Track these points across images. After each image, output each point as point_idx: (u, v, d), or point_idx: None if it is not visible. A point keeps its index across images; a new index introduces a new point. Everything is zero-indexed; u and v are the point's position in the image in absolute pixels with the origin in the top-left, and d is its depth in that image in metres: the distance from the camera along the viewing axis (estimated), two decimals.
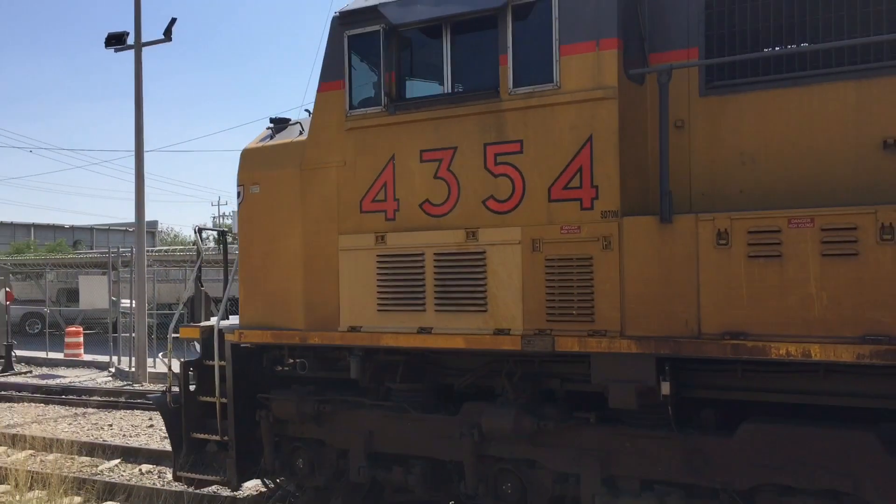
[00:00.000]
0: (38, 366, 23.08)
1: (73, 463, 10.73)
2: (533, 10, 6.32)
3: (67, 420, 14.22)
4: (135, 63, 20.72)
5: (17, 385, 18.56)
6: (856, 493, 5.51)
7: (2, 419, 14.56)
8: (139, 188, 20.40)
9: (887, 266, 5.13)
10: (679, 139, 6.32)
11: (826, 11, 5.85)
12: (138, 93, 20.75)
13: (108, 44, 20.99)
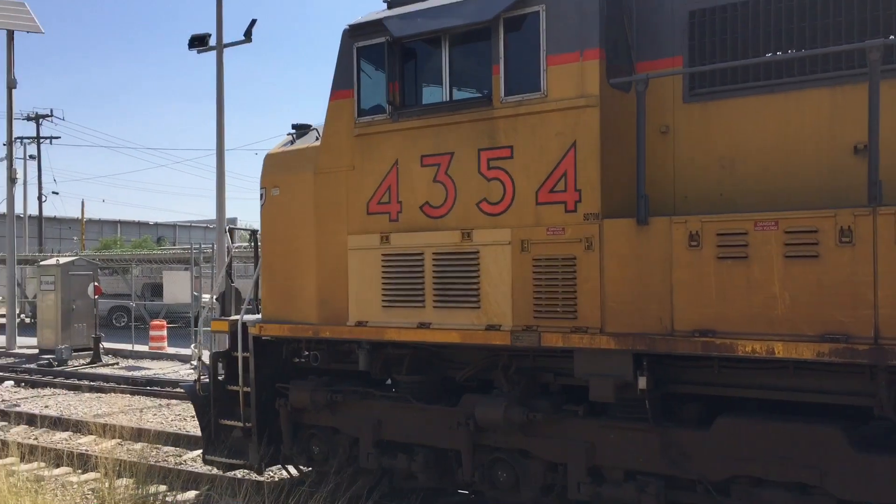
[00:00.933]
0: (124, 358, 23.70)
1: (159, 452, 11.11)
2: (523, 22, 6.66)
3: (153, 410, 14.67)
4: (216, 64, 21.37)
5: (105, 376, 19.12)
6: (822, 485, 5.72)
7: (91, 408, 15.16)
8: (220, 186, 21.01)
9: (845, 267, 5.33)
10: (664, 144, 6.59)
11: (801, 21, 6.05)
12: (219, 93, 21.40)
13: (191, 45, 21.71)
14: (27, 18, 27.03)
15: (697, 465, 6.19)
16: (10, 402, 16.12)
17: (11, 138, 28.49)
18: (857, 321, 5.29)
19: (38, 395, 17.08)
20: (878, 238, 5.22)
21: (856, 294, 5.30)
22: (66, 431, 12.92)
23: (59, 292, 24.13)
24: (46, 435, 12.79)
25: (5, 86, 26.72)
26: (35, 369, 21.11)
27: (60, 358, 22.36)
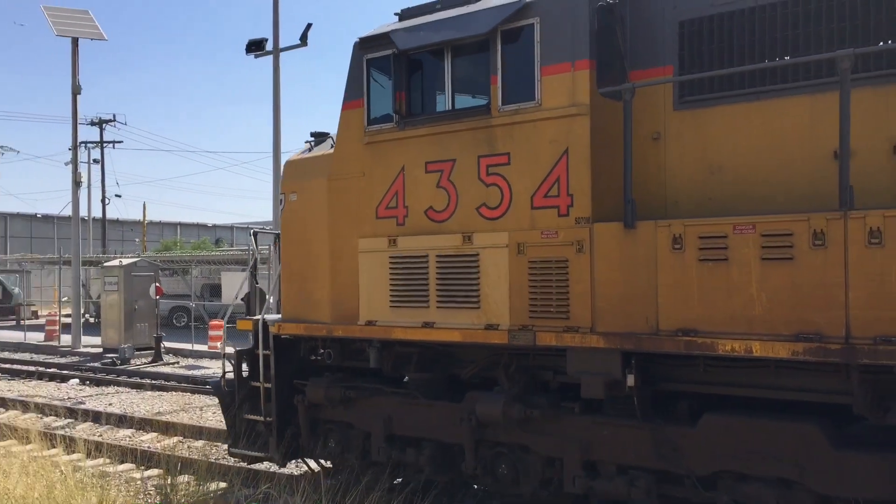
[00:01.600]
0: (184, 357, 24.21)
1: (218, 450, 11.34)
2: (518, 34, 6.95)
3: (212, 409, 14.89)
4: (273, 68, 21.95)
5: (165, 375, 19.61)
6: (801, 481, 5.90)
7: (153, 406, 15.67)
8: (277, 188, 21.36)
9: (818, 270, 5.51)
10: (655, 150, 6.82)
11: (784, 31, 6.23)
12: (276, 96, 21.97)
13: (249, 50, 22.26)
14: (91, 26, 27.80)
15: (685, 461, 6.40)
16: (76, 399, 16.75)
17: (76, 143, 29.14)
18: (829, 321, 5.47)
19: (102, 393, 17.72)
20: (848, 241, 5.40)
21: (828, 295, 5.48)
22: (130, 429, 13.34)
23: (121, 293, 24.83)
24: (110, 432, 13.25)
25: (70, 92, 27.44)
26: (99, 368, 21.81)
27: (123, 357, 23.05)
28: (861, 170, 5.90)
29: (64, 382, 19.53)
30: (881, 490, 5.65)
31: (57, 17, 27.35)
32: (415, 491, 7.82)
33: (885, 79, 5.87)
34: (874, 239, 5.31)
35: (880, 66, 5.88)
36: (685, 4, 6.71)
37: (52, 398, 16.82)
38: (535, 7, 6.87)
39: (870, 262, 5.33)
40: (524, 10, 6.90)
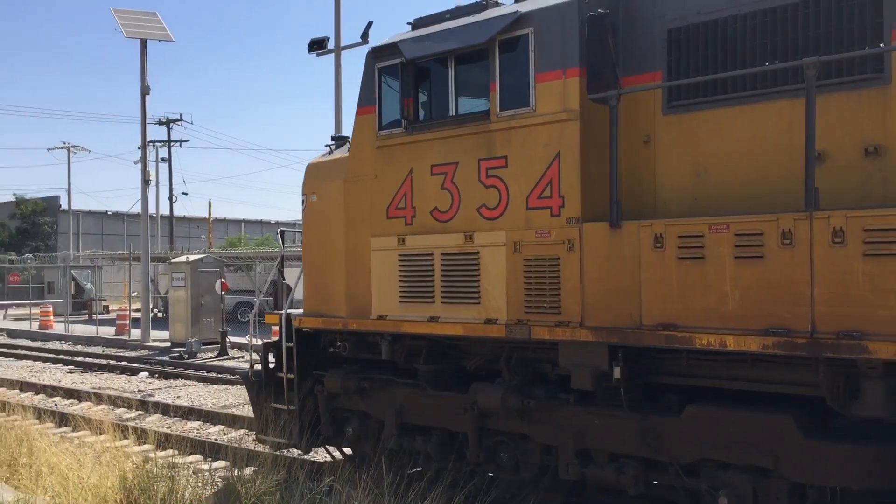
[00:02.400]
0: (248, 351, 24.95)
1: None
2: (514, 43, 7.31)
3: None
4: (335, 66, 22.41)
5: (231, 369, 19.96)
6: (775, 469, 6.17)
7: (219, 399, 16.23)
8: None
9: (786, 267, 5.78)
10: (646, 153, 7.14)
11: (763, 38, 6.49)
12: (338, 95, 22.43)
13: (311, 49, 22.66)
14: (159, 28, 28.43)
15: (670, 449, 6.71)
16: (146, 392, 17.40)
17: (145, 142, 29.65)
18: (796, 317, 5.74)
19: (170, 386, 18.30)
20: (814, 240, 5.66)
21: (795, 292, 5.74)
22: (197, 421, 13.71)
23: (188, 288, 25.48)
24: (179, 424, 13.69)
25: (139, 92, 28.04)
26: (167, 361, 22.58)
27: (190, 351, 23.52)
28: (835, 171, 6.17)
29: (134, 375, 20.28)
30: (850, 479, 5.91)
31: (126, 19, 27.91)
32: (479, 488, 7.94)
33: (858, 84, 6.10)
34: (837, 238, 5.56)
35: (852, 72, 6.10)
36: (673, 13, 7.00)
37: (122, 390, 17.52)
38: (529, 18, 7.22)
39: (833, 260, 5.58)
40: (519, 20, 7.26)
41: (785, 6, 6.39)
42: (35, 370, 21.99)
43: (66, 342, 30.66)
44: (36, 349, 27.34)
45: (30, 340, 32.20)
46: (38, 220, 69.90)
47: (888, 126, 5.97)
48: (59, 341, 31.16)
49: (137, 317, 29.50)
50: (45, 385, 17.89)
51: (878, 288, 5.41)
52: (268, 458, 8.74)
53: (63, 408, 15.13)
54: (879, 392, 5.61)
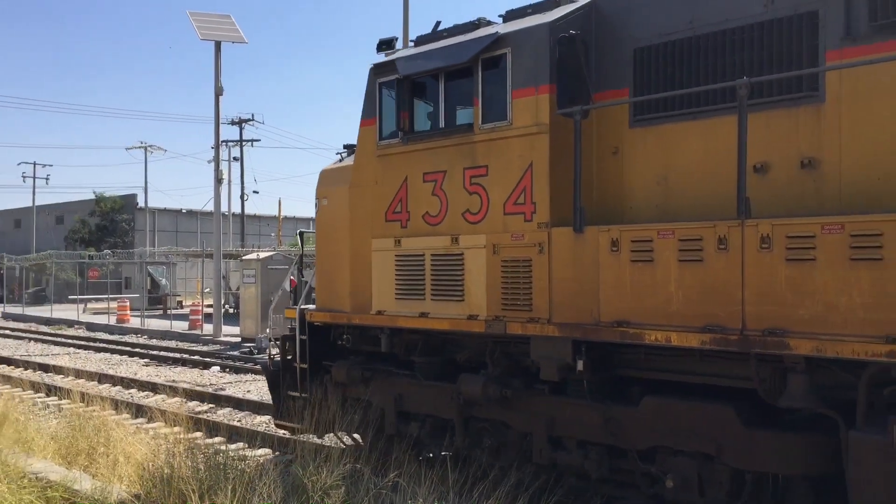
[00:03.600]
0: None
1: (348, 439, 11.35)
2: (494, 62, 7.95)
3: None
4: None
5: None
6: (718, 456, 6.71)
7: None
8: None
9: (722, 270, 6.32)
10: (615, 163, 7.72)
11: (716, 57, 7.03)
12: None
13: (380, 49, 23.43)
14: (232, 30, 29.10)
15: (629, 437, 7.29)
16: (217, 386, 17.82)
17: (218, 141, 30.17)
18: (729, 315, 6.28)
19: (240, 381, 18.77)
20: (745, 246, 6.19)
21: (729, 293, 6.28)
22: (266, 415, 13.75)
23: (259, 285, 26.12)
24: (248, 418, 14.06)
25: (213, 93, 28.57)
26: (238, 356, 23.08)
27: (260, 346, 24.03)
28: (776, 182, 6.69)
29: (206, 369, 20.86)
30: (782, 465, 6.42)
31: (201, 21, 28.53)
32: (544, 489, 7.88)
33: (797, 101, 6.60)
34: (764, 244, 6.09)
35: (791, 90, 6.61)
36: (639, 34, 7.56)
37: (195, 384, 17.92)
38: (507, 38, 7.86)
39: (761, 264, 6.11)
40: (499, 41, 7.90)
41: (734, 29, 6.92)
42: (112, 362, 22.93)
43: (141, 336, 31.94)
44: (113, 342, 28.53)
45: (107, 334, 33.59)
46: (116, 217, 72.33)
47: (822, 140, 6.46)
48: (135, 335, 32.42)
49: (210, 312, 30.41)
50: (121, 377, 18.51)
51: (797, 290, 5.92)
52: (335, 453, 8.79)
53: (138, 399, 15.74)
54: (802, 385, 6.11)
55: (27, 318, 44.20)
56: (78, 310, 43.29)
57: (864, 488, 5.67)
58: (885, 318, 5.51)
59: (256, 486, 7.12)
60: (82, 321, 38.81)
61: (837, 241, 5.73)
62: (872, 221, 5.60)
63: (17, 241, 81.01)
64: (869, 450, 5.63)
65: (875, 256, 5.56)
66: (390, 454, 8.94)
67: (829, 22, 6.43)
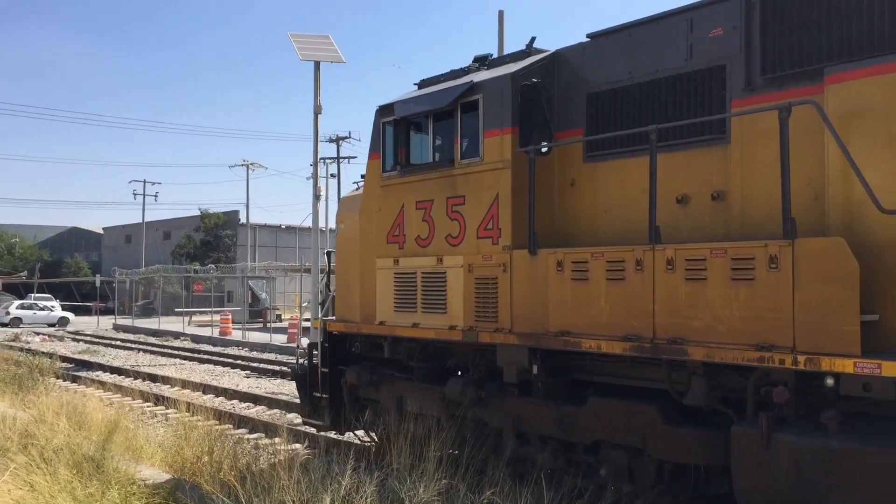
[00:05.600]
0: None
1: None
2: (471, 106, 9.19)
3: None
4: None
5: None
6: (644, 448, 7.76)
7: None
8: None
9: (638, 287, 7.40)
10: (572, 194, 8.85)
11: (650, 103, 8.11)
12: None
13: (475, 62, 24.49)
14: (331, 50, 30.21)
15: (578, 432, 8.37)
16: None
17: (317, 158, 31.44)
18: (644, 326, 7.34)
19: None
20: (655, 267, 7.26)
21: (643, 307, 7.34)
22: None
23: None
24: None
25: (312, 111, 30.20)
26: None
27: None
28: (694, 211, 7.74)
29: None
30: (693, 457, 7.43)
31: (302, 42, 29.94)
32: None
33: (709, 142, 7.64)
34: (669, 266, 7.14)
35: (704, 133, 7.65)
36: (592, 81, 8.70)
37: (293, 395, 17.36)
38: (480, 86, 9.09)
39: (667, 282, 7.16)
40: (473, 88, 9.14)
41: (661, 80, 8.01)
42: (216, 374, 24.07)
43: (242, 348, 33.46)
44: (216, 354, 29.98)
45: (211, 346, 35.49)
46: (219, 232, 75.72)
47: (728, 176, 7.49)
48: (236, 347, 34.04)
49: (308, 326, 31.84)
50: (224, 388, 19.39)
51: (693, 304, 6.96)
52: (430, 467, 8.64)
53: (240, 411, 16.48)
54: (702, 386, 7.14)
55: (137, 329, 46.95)
56: (183, 322, 45.69)
57: (741, 476, 6.65)
58: (756, 328, 6.51)
59: (354, 499, 7.24)
60: (187, 333, 40.99)
61: (722, 263, 6.75)
62: (747, 247, 6.62)
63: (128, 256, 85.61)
64: (745, 442, 6.61)
65: (749, 277, 6.57)
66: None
67: (734, 75, 7.47)
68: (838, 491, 5.99)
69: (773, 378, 6.71)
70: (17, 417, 11.41)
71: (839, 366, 6.02)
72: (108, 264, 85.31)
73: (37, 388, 15.85)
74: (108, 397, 17.65)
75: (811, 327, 6.19)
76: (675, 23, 7.95)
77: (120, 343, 36.49)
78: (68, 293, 75.56)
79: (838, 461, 5.99)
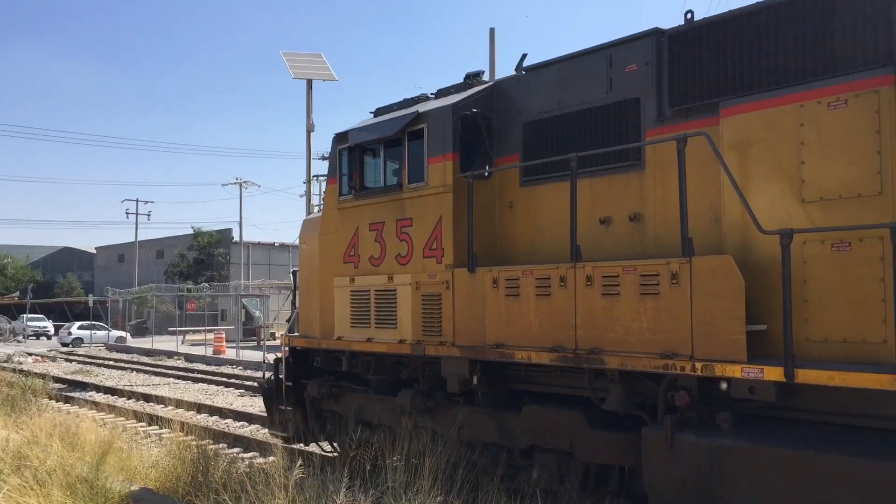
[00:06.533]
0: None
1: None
2: (417, 134, 9.85)
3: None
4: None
5: None
6: (572, 451, 8.37)
7: None
8: None
9: (562, 302, 8.04)
10: (511, 215, 9.50)
11: (575, 131, 8.78)
12: None
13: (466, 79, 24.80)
14: (323, 68, 30.32)
15: (515, 438, 8.99)
16: None
17: (310, 176, 31.24)
18: (568, 338, 7.97)
19: None
20: (576, 284, 7.90)
21: (567, 320, 7.98)
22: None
23: None
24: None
25: (305, 129, 29.48)
26: None
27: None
28: (616, 231, 8.39)
29: None
30: (614, 458, 8.05)
31: (294, 61, 29.79)
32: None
33: (627, 168, 8.31)
34: (588, 282, 7.79)
35: (622, 160, 8.32)
36: (527, 111, 9.37)
37: None
38: (425, 116, 9.76)
39: (586, 297, 7.80)
40: (419, 117, 9.81)
41: (585, 110, 8.69)
42: (209, 392, 24.17)
43: (236, 367, 33.60)
44: (210, 373, 30.05)
45: (205, 364, 35.63)
46: (213, 251, 75.86)
47: (643, 199, 8.15)
48: (230, 366, 34.18)
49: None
50: (219, 407, 19.61)
51: (609, 317, 7.60)
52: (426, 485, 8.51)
53: (234, 430, 16.88)
54: (618, 393, 7.77)
55: (130, 349, 47.25)
56: (177, 341, 46.03)
57: (649, 473, 7.27)
58: (662, 338, 7.15)
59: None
60: (181, 352, 41.25)
61: (632, 279, 7.41)
62: (652, 265, 7.27)
63: (121, 275, 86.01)
64: (653, 442, 7.24)
65: (655, 291, 7.22)
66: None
67: (647, 107, 8.15)
68: (729, 485, 6.63)
69: (679, 384, 7.34)
70: (9, 439, 11.51)
71: (729, 371, 6.67)
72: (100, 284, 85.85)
73: (30, 409, 16.00)
74: (101, 417, 17.88)
75: (706, 336, 6.83)
76: (597, 59, 8.64)
77: (113, 363, 36.78)
78: (61, 313, 76.00)
79: (729, 458, 6.63)
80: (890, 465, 5.77)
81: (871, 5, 6.57)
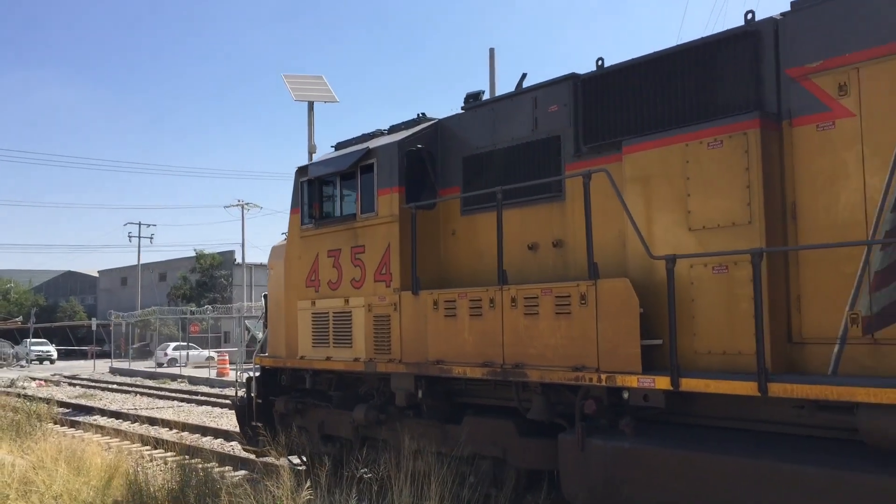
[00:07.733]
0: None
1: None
2: (368, 168, 10.70)
3: None
4: None
5: None
6: (504, 458, 9.15)
7: None
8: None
9: (493, 321, 8.83)
10: (453, 242, 10.33)
11: (507, 165, 9.62)
12: None
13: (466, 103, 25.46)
14: (325, 90, 30.73)
15: (457, 446, 9.76)
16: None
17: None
18: (496, 354, 8.76)
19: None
20: (503, 305, 8.71)
21: (496, 337, 8.78)
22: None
23: None
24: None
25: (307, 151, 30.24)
26: None
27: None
28: (541, 256, 9.21)
29: None
30: (541, 463, 8.82)
31: (295, 83, 30.47)
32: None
33: (551, 199, 9.14)
34: (513, 303, 8.59)
35: (547, 191, 9.14)
36: (465, 146, 10.22)
37: None
38: (375, 151, 10.62)
39: (512, 317, 8.61)
40: (369, 153, 10.67)
41: (514, 147, 9.54)
42: (214, 415, 24.18)
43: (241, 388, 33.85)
44: (213, 395, 30.04)
45: (208, 387, 35.84)
46: (215, 273, 76.47)
47: (564, 227, 8.98)
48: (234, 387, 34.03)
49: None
50: (224, 430, 19.74)
51: (530, 335, 8.40)
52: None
53: (239, 452, 16.24)
54: (540, 403, 8.57)
55: (133, 372, 47.54)
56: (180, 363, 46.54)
57: (565, 475, 8.07)
58: (574, 353, 7.95)
59: None
60: (185, 375, 41.70)
61: (549, 300, 8.21)
62: (565, 287, 8.08)
63: (124, 299, 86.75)
64: (567, 447, 8.04)
65: (567, 311, 8.02)
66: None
67: (566, 143, 8.99)
68: (630, 483, 7.42)
69: (592, 394, 8.13)
70: (15, 464, 11.59)
71: (628, 381, 7.46)
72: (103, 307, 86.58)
73: (35, 433, 16.07)
74: (106, 441, 17.94)
75: (609, 351, 7.63)
76: (525, 100, 9.49)
77: (117, 386, 36.91)
78: (64, 337, 76.79)
79: (628, 459, 7.42)
80: (760, 463, 6.57)
81: (743, 58, 7.43)
